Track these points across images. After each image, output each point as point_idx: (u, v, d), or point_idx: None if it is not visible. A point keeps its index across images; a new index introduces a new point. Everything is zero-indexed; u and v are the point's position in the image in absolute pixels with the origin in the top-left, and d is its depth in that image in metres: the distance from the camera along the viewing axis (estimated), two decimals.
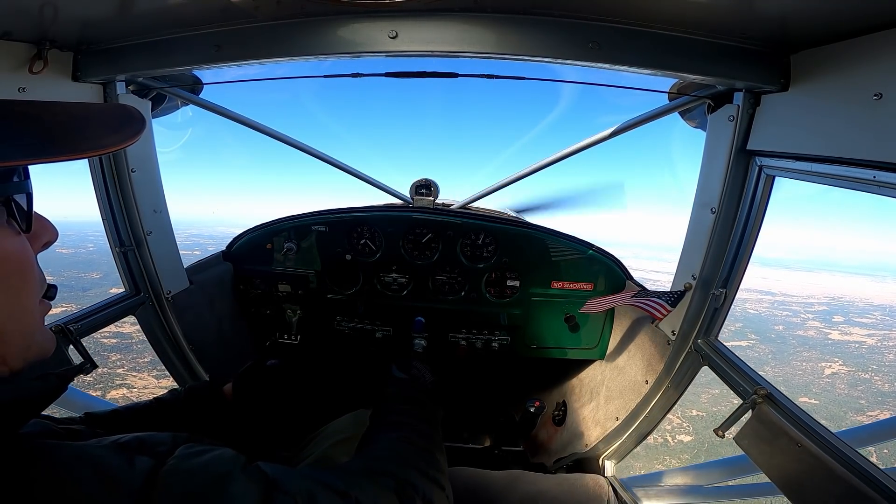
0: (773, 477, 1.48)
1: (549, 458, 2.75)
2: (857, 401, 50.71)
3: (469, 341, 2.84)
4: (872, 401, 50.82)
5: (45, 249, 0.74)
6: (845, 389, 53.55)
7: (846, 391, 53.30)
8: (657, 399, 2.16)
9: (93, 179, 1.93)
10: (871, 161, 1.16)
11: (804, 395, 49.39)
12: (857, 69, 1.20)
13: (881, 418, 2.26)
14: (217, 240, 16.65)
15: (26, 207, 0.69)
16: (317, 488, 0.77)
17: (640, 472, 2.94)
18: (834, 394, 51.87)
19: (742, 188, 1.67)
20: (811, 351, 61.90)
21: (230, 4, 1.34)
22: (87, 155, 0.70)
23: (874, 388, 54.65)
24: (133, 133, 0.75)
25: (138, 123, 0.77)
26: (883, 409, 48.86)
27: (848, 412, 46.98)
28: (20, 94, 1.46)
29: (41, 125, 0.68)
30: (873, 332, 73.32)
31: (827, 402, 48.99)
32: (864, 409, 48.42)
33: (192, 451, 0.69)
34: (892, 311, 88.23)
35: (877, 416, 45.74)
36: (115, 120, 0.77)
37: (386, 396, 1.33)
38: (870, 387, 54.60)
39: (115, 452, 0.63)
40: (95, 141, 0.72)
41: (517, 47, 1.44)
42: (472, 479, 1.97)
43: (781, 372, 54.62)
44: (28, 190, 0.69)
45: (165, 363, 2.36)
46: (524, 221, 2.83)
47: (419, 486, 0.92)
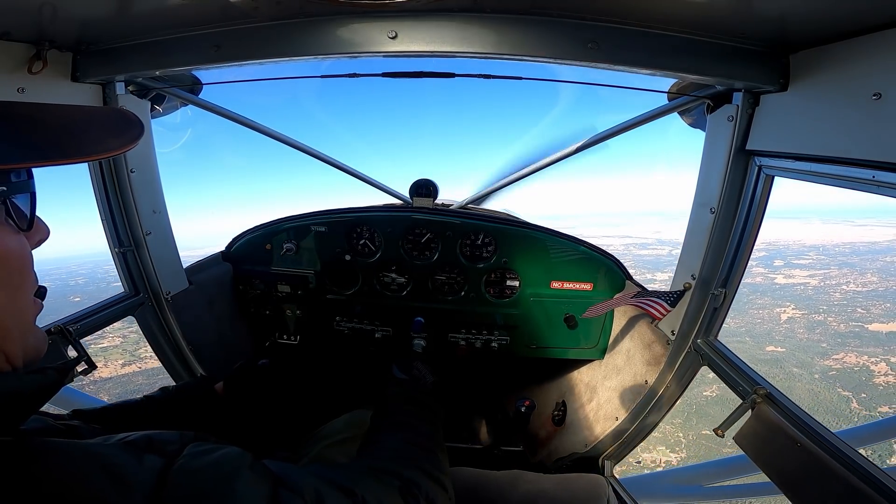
0: (772, 476, 1.48)
1: (549, 458, 2.75)
2: (819, 345, 51.20)
3: (468, 341, 2.84)
4: (833, 343, 51.56)
5: (37, 247, 0.75)
6: (805, 334, 54.16)
7: (806, 335, 53.80)
8: (657, 399, 2.16)
9: (92, 180, 1.93)
10: (870, 161, 1.16)
11: (770, 343, 50.03)
12: (856, 69, 1.20)
13: (845, 361, 2.25)
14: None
15: (30, 206, 0.70)
16: (324, 486, 0.78)
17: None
18: (796, 339, 52.57)
19: (741, 188, 1.67)
20: (763, 297, 63.07)
21: (229, 5, 1.34)
22: (89, 159, 0.71)
23: (831, 329, 55.55)
24: (133, 137, 0.77)
25: (137, 128, 0.78)
26: (845, 350, 49.46)
27: (814, 357, 47.53)
28: (19, 94, 1.46)
29: (44, 128, 0.69)
30: (814, 272, 74.88)
31: (792, 349, 49.53)
32: (828, 353, 48.83)
33: (200, 449, 0.69)
34: (824, 251, 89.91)
35: (841, 358, 47.15)
36: (115, 124, 0.78)
37: (388, 397, 1.34)
38: (826, 329, 55.50)
39: (124, 451, 0.64)
40: (98, 145, 0.73)
41: (516, 47, 1.44)
42: (472, 479, 1.97)
43: (743, 322, 55.42)
44: (31, 189, 0.70)
45: (164, 363, 2.36)
46: (524, 221, 2.83)
47: (423, 487, 0.93)
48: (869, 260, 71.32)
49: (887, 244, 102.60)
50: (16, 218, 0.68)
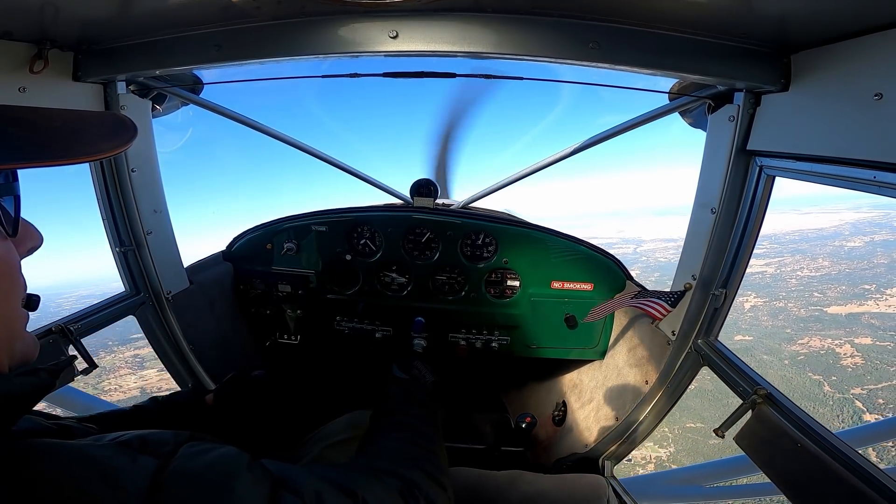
0: (772, 477, 1.48)
1: (549, 459, 2.75)
2: (784, 331, 52.89)
3: (469, 341, 2.84)
4: (797, 328, 53.24)
5: (29, 255, 0.74)
6: (769, 321, 55.55)
7: (771, 322, 55.34)
8: (657, 399, 2.16)
9: (93, 179, 1.93)
10: (872, 161, 1.16)
11: (738, 333, 51.15)
12: (858, 69, 1.20)
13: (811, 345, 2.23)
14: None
15: (13, 211, 0.69)
16: (324, 487, 0.77)
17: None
18: (761, 327, 53.94)
19: (742, 188, 1.67)
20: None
21: (231, 4, 1.34)
22: (80, 160, 0.70)
23: (793, 315, 57.36)
24: (125, 140, 0.76)
25: (130, 131, 0.78)
26: (809, 334, 50.88)
27: (781, 343, 48.81)
28: (20, 93, 1.46)
29: (36, 130, 0.68)
30: (769, 260, 77.22)
31: (760, 336, 50.62)
32: (793, 339, 50.29)
33: (195, 449, 0.68)
34: (776, 239, 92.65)
35: (807, 342, 48.62)
36: (108, 127, 0.78)
37: (388, 397, 1.33)
38: (788, 315, 57.31)
39: (117, 452, 0.63)
40: (89, 147, 0.73)
41: (518, 47, 1.44)
42: (472, 479, 1.97)
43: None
44: (16, 192, 0.69)
45: (165, 363, 2.36)
46: (524, 221, 2.83)
47: (423, 487, 0.92)
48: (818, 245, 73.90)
49: (833, 230, 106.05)
50: (4, 225, 0.67)
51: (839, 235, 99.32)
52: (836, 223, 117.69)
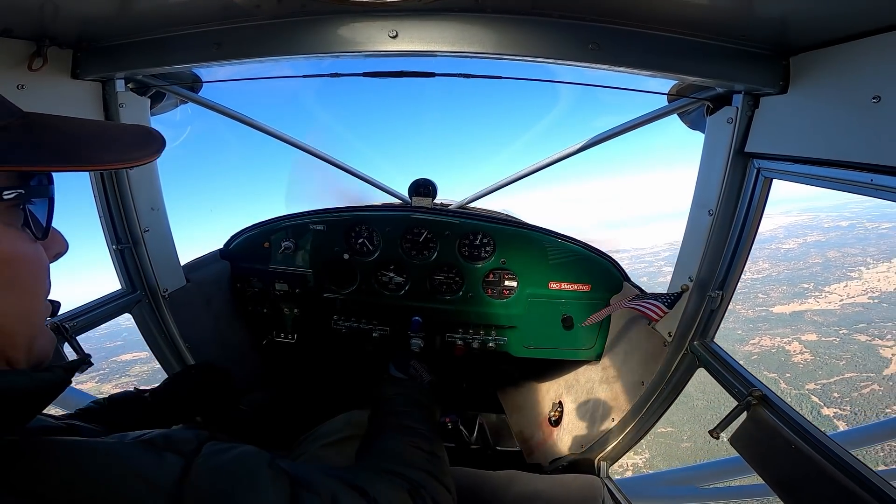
0: (766, 478, 1.48)
1: (545, 459, 2.75)
2: (735, 332, 54.84)
3: (466, 341, 2.84)
4: (747, 329, 55.28)
5: (55, 261, 0.75)
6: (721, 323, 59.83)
7: (723, 325, 57.32)
8: (653, 400, 2.16)
9: (90, 177, 1.92)
10: (869, 164, 1.17)
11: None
12: (856, 72, 1.20)
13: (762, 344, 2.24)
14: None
15: (47, 213, 0.70)
16: (338, 487, 0.79)
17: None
18: None
19: (740, 190, 1.67)
20: None
21: (231, 2, 1.34)
22: (112, 167, 0.72)
23: (742, 316, 59.40)
24: (155, 150, 0.78)
25: (160, 141, 0.80)
26: (759, 335, 52.80)
27: (735, 344, 50.37)
28: (19, 91, 1.45)
29: (69, 136, 0.70)
30: None
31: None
32: (745, 339, 52.31)
33: (217, 448, 0.70)
34: None
35: (758, 342, 50.65)
36: (139, 137, 0.80)
37: (386, 397, 1.34)
38: (738, 316, 59.40)
39: (144, 450, 0.64)
40: (121, 154, 0.75)
41: (517, 48, 1.44)
42: (468, 479, 1.97)
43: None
44: (50, 195, 0.70)
45: (161, 361, 2.35)
46: (522, 222, 2.83)
47: (429, 489, 0.94)
48: (757, 249, 78.31)
49: (769, 233, 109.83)
50: (33, 228, 0.68)
51: (775, 238, 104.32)
52: (772, 227, 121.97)
